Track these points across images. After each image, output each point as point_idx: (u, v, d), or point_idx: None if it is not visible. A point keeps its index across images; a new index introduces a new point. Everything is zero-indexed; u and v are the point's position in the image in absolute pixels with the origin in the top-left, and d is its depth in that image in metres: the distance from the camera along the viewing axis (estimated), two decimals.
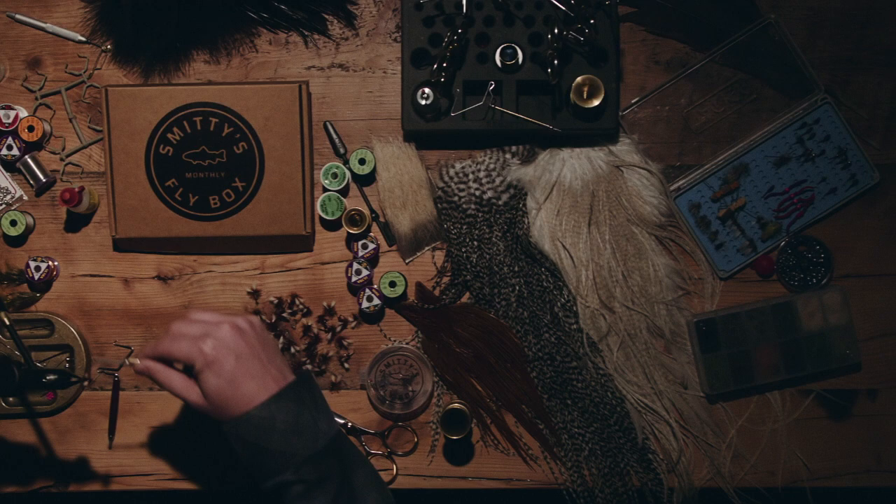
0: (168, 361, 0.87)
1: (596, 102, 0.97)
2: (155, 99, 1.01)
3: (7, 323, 0.93)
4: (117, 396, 1.04)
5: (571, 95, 0.99)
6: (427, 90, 0.99)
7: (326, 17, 1.04)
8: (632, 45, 1.04)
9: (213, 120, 1.00)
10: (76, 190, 0.99)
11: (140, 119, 1.00)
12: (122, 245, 1.04)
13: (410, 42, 1.01)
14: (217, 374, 0.82)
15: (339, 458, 0.85)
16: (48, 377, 0.89)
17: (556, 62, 0.96)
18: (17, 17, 1.05)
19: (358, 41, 1.05)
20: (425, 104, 0.99)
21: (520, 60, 1.00)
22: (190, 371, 0.86)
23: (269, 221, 1.02)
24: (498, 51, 1.00)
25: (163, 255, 1.05)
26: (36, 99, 1.05)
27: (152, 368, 0.87)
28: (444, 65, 0.98)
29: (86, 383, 0.95)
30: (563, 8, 0.98)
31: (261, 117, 1.00)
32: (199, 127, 1.01)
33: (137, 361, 0.87)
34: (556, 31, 0.97)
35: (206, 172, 1.01)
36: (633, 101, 1.03)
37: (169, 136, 1.01)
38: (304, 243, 1.04)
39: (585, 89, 0.98)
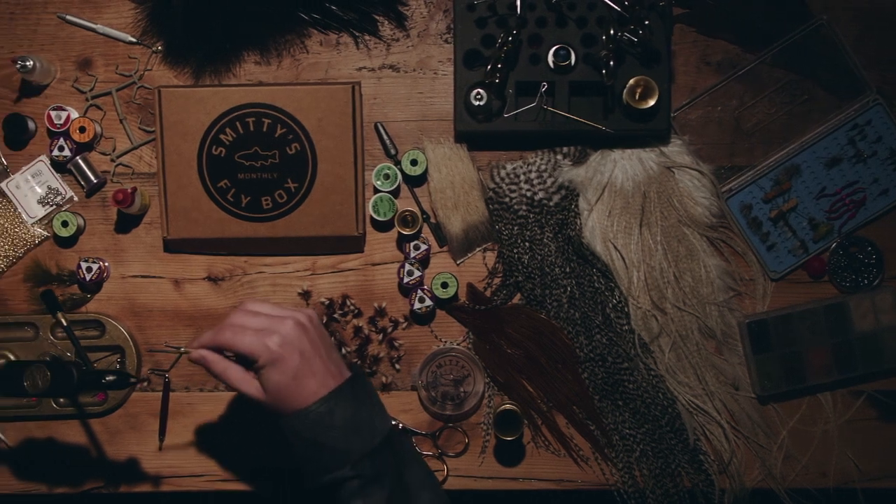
0: (220, 350, 0.87)
1: (651, 103, 0.97)
2: (208, 100, 1.01)
3: (65, 324, 0.93)
4: (168, 397, 1.04)
5: (625, 96, 0.99)
6: (481, 91, 0.99)
7: (377, 17, 1.05)
8: (682, 46, 1.04)
9: (266, 121, 1.00)
10: (129, 191, 0.99)
11: (193, 120, 1.00)
12: (173, 246, 1.04)
13: (463, 43, 1.01)
14: (282, 371, 0.83)
15: (393, 455, 0.86)
16: (107, 378, 0.88)
17: (611, 63, 0.96)
18: (68, 18, 1.05)
19: (409, 42, 1.05)
20: (479, 105, 0.99)
21: (572, 61, 1.00)
22: (245, 362, 0.85)
23: (322, 222, 1.02)
24: (551, 52, 1.00)
25: (213, 256, 1.05)
26: (86, 100, 1.05)
27: (208, 359, 0.86)
28: (499, 66, 0.98)
29: (145, 384, 0.95)
30: (619, 9, 0.98)
31: (314, 118, 1.00)
32: (251, 128, 1.01)
33: (192, 351, 0.87)
34: (611, 32, 0.97)
35: (258, 173, 1.01)
36: (684, 102, 1.03)
37: (221, 136, 1.01)
38: (355, 244, 1.04)
39: (639, 90, 0.98)
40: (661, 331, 1.03)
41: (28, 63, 1.00)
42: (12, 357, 1.04)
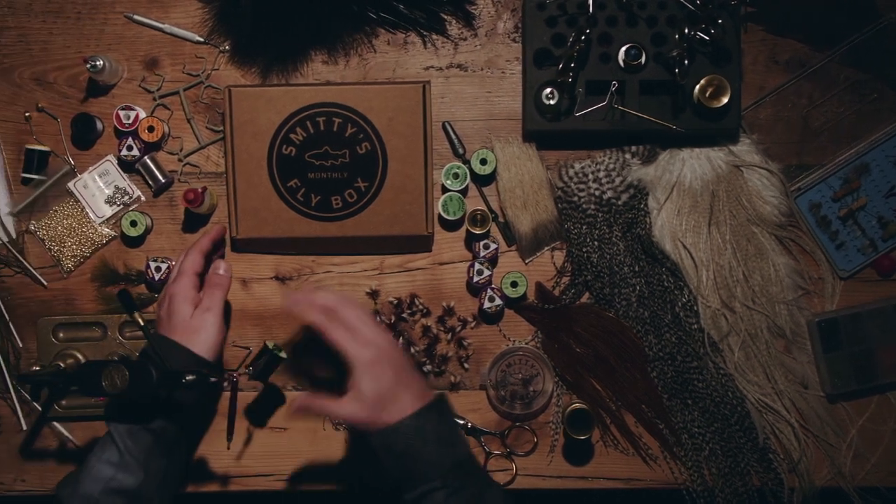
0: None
1: (724, 101, 0.97)
2: (278, 99, 1.01)
3: (142, 323, 0.93)
4: (236, 397, 1.04)
5: (697, 95, 0.99)
6: (552, 90, 0.99)
7: (445, 17, 1.05)
8: (751, 44, 1.04)
9: (337, 120, 1.00)
10: (199, 190, 0.99)
11: (263, 119, 1.00)
12: (241, 245, 1.04)
13: (533, 42, 1.01)
14: (377, 379, 0.84)
15: (474, 474, 0.88)
16: (187, 377, 0.88)
17: (685, 62, 0.96)
18: (135, 17, 1.05)
19: (476, 41, 1.05)
20: (550, 104, 0.99)
21: (643, 60, 1.00)
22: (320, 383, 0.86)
23: (391, 222, 1.02)
24: (622, 51, 1.00)
25: (280, 255, 1.05)
26: (154, 99, 1.05)
27: (313, 407, 0.88)
28: (572, 65, 0.98)
29: (225, 384, 0.95)
30: (692, 8, 0.98)
31: (384, 117, 1.00)
32: (322, 127, 1.00)
33: (297, 404, 0.89)
34: (685, 31, 0.97)
35: (328, 173, 1.01)
36: (753, 101, 1.03)
37: (292, 136, 1.01)
38: (424, 243, 1.04)
39: (710, 89, 0.98)
40: (730, 329, 1.03)
41: (98, 63, 1.00)
42: (81, 357, 1.04)
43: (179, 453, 0.93)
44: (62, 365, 1.01)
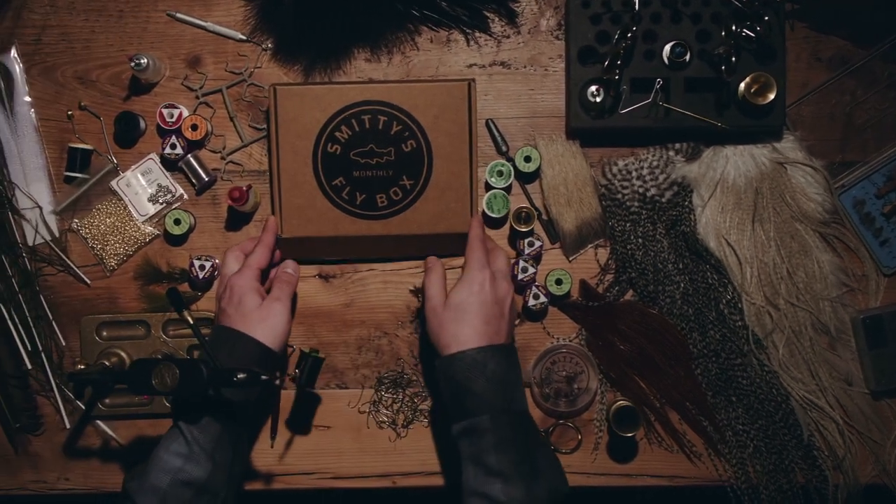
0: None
1: (771, 97, 0.97)
2: (323, 97, 1.00)
3: (191, 321, 0.93)
4: (279, 395, 1.04)
5: (741, 92, 0.99)
6: (598, 87, 0.99)
7: (488, 14, 1.04)
8: (794, 41, 1.04)
9: (382, 118, 1.00)
10: (244, 188, 0.99)
11: (308, 117, 1.00)
12: (285, 249, 1.03)
13: (577, 39, 1.01)
14: (471, 295, 0.88)
15: (527, 430, 0.88)
16: (238, 376, 0.88)
17: (732, 59, 0.96)
18: (178, 15, 1.05)
19: (519, 39, 1.05)
20: (596, 101, 0.99)
21: (688, 58, 1.00)
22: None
23: (436, 220, 1.02)
24: (667, 48, 1.00)
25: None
26: (196, 98, 1.05)
27: (437, 270, 0.94)
28: (618, 62, 0.98)
29: (277, 382, 0.95)
30: (738, 4, 0.98)
31: (430, 115, 1.00)
32: (367, 125, 1.00)
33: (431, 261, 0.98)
34: (733, 27, 0.97)
35: (373, 171, 1.01)
36: (796, 99, 1.03)
37: (337, 134, 1.00)
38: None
39: (755, 86, 0.98)
40: (774, 326, 1.03)
41: (142, 61, 1.00)
42: (124, 356, 1.03)
43: (243, 447, 0.93)
44: (107, 363, 1.01)
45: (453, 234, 1.02)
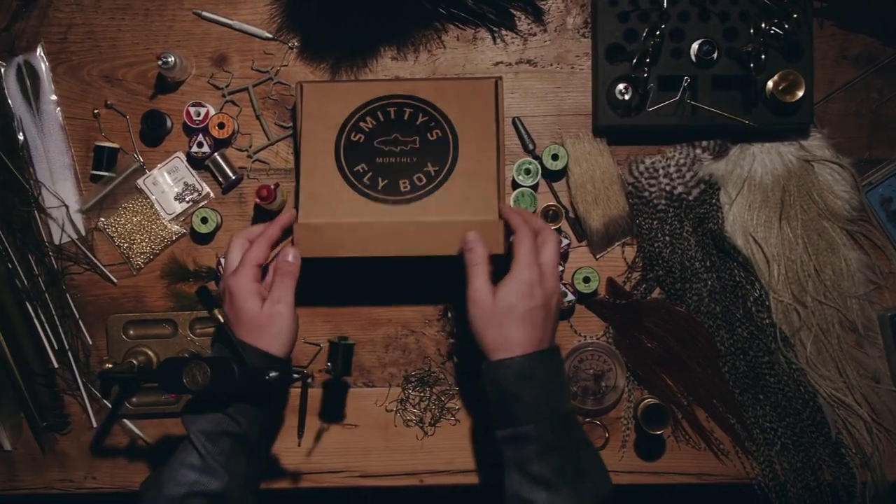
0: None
1: (800, 94, 0.98)
2: (349, 92, 1.00)
3: (222, 320, 0.93)
4: (306, 393, 1.04)
5: (769, 90, 0.99)
6: (627, 85, 0.99)
7: (515, 12, 1.04)
8: (821, 39, 1.04)
9: (408, 110, 0.99)
10: (272, 187, 0.99)
11: (333, 110, 0.98)
12: (302, 247, 0.99)
13: (605, 37, 1.01)
14: (520, 298, 0.85)
15: (570, 432, 0.87)
16: (270, 374, 0.88)
17: (762, 57, 0.97)
18: (204, 14, 1.05)
19: (546, 37, 1.05)
20: (625, 99, 0.99)
21: (715, 55, 1.00)
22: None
23: (462, 205, 0.96)
24: (695, 46, 1.00)
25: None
26: (223, 96, 1.05)
27: (476, 251, 0.89)
28: (647, 60, 0.98)
29: (309, 380, 0.95)
30: (768, 2, 0.98)
31: (456, 108, 0.99)
32: (392, 116, 0.99)
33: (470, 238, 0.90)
34: (762, 25, 0.97)
35: (397, 157, 0.98)
36: (823, 96, 1.03)
37: (361, 124, 0.99)
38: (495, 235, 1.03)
39: (783, 84, 0.98)
40: (801, 324, 1.03)
41: (170, 59, 0.99)
42: (151, 354, 1.03)
43: (259, 455, 0.93)
44: (134, 362, 1.01)
45: (480, 223, 0.98)
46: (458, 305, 1.03)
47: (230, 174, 1.04)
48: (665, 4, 0.99)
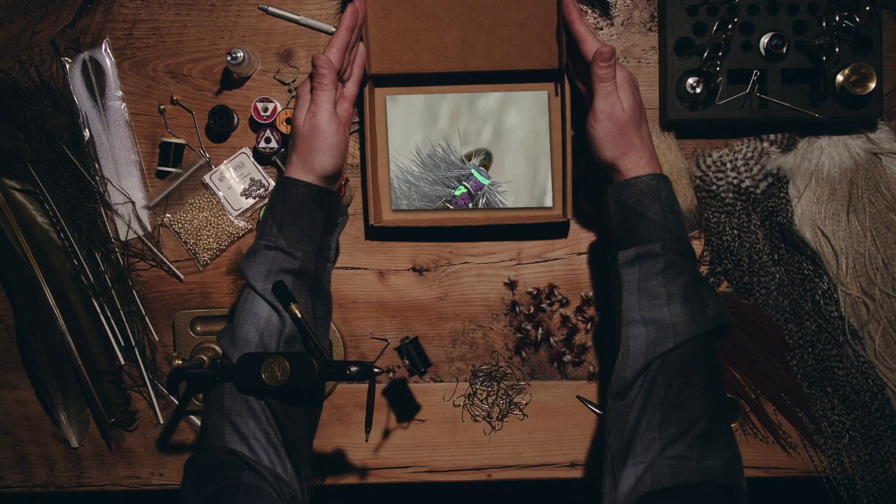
0: None
1: (871, 87, 0.97)
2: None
3: (299, 315, 0.92)
4: (374, 389, 1.03)
5: (840, 83, 0.99)
6: (698, 79, 0.99)
7: (582, 7, 1.04)
8: (889, 31, 1.04)
9: None
10: (341, 182, 0.99)
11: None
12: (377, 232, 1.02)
13: (675, 31, 1.01)
14: (629, 97, 0.88)
15: (693, 260, 0.88)
16: (351, 369, 0.88)
17: (836, 49, 0.96)
18: (270, 9, 1.04)
19: (613, 31, 1.05)
20: (696, 93, 0.99)
21: (785, 49, 1.00)
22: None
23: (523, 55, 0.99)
24: (765, 39, 1.00)
25: (417, 245, 1.04)
26: (289, 91, 1.05)
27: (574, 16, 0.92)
28: (718, 53, 0.98)
29: (391, 374, 0.95)
30: None
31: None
32: None
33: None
34: (836, 17, 0.97)
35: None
36: (892, 89, 1.03)
37: None
38: (561, 230, 1.04)
39: (855, 77, 0.98)
40: (870, 317, 1.03)
41: (239, 55, 0.99)
42: (220, 350, 1.03)
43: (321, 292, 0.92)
44: (204, 358, 1.01)
45: (545, 224, 0.99)
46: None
47: None
48: None
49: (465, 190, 1.02)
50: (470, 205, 1.02)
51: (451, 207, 1.03)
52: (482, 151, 1.02)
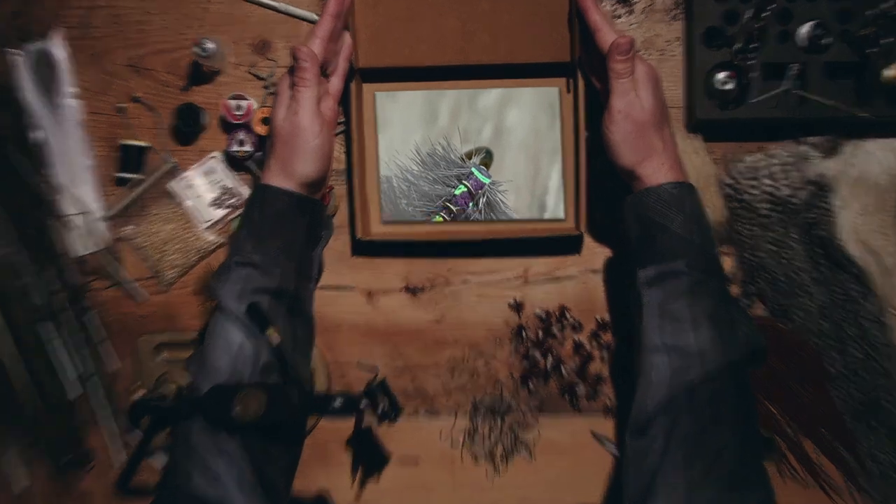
0: None
1: None
2: None
3: (278, 341, 0.80)
4: (360, 426, 0.92)
5: (891, 78, 0.87)
6: (729, 74, 0.87)
7: None
8: None
9: None
10: (325, 190, 0.87)
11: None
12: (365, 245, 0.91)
13: (703, 18, 0.89)
14: (654, 96, 0.78)
15: (721, 277, 0.78)
16: (335, 403, 0.77)
17: (887, 41, 0.85)
18: None
19: (632, 19, 0.93)
20: (727, 89, 0.87)
21: (828, 40, 0.88)
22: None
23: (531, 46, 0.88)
24: (805, 28, 0.88)
25: (410, 262, 0.93)
26: (265, 88, 0.93)
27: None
28: (753, 44, 0.86)
29: (378, 412, 0.83)
30: None
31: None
32: None
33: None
34: (885, 4, 0.85)
35: None
36: None
37: None
38: (574, 244, 0.92)
39: None
40: None
41: (208, 46, 0.88)
42: (186, 380, 0.91)
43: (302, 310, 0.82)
44: (171, 387, 0.89)
45: (557, 238, 0.89)
46: None
47: None
48: None
49: (466, 189, 0.91)
50: (470, 204, 0.91)
51: (452, 207, 0.91)
52: (483, 150, 0.91)
